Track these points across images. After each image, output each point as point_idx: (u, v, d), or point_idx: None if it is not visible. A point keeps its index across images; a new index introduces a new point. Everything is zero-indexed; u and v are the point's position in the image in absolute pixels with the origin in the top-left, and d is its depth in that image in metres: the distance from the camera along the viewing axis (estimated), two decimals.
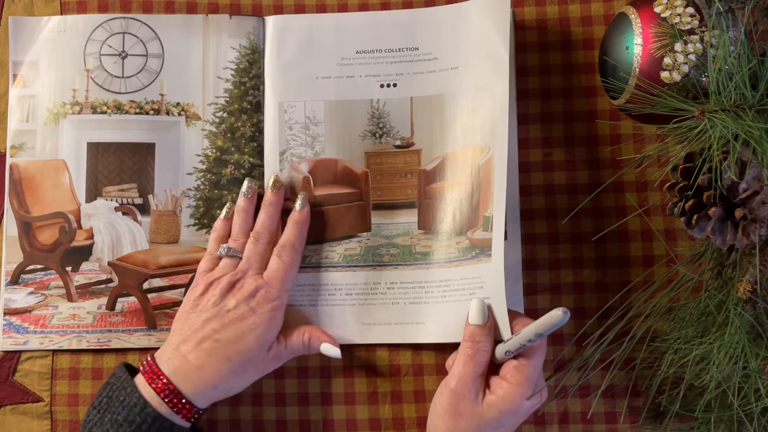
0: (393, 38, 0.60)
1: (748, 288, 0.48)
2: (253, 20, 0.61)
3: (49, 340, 0.58)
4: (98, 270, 0.59)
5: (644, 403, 0.56)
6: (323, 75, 0.61)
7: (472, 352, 0.51)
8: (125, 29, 0.61)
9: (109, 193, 0.60)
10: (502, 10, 0.57)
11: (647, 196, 0.59)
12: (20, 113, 0.60)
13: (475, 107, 0.58)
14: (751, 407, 0.48)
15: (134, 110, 0.60)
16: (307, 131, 0.60)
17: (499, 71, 0.56)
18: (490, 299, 0.54)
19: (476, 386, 0.51)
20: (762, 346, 0.48)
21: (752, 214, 0.47)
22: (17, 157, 0.60)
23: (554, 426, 0.58)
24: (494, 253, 0.54)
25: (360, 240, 0.60)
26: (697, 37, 0.49)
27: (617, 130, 0.59)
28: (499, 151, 0.55)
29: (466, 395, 0.51)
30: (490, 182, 0.56)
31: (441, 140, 0.59)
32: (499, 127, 0.56)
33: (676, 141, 0.48)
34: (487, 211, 0.56)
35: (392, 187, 0.60)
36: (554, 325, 0.49)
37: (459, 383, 0.51)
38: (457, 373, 0.51)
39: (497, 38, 0.56)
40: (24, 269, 0.59)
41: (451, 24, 0.60)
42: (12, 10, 0.61)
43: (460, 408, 0.51)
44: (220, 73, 0.61)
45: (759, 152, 0.45)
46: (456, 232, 0.58)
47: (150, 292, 0.59)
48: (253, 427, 0.58)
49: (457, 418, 0.51)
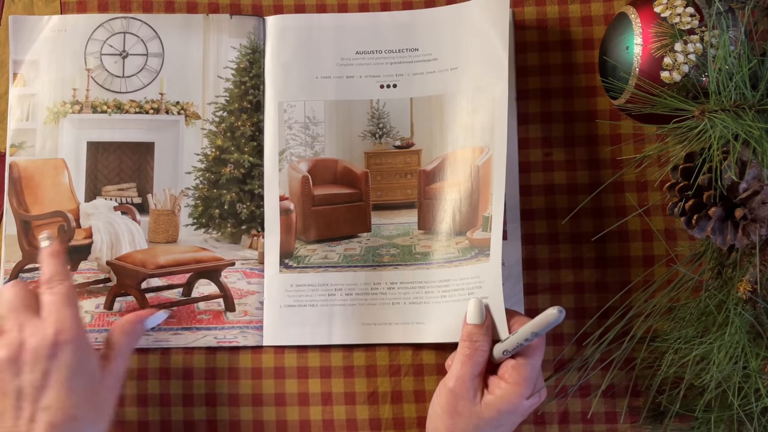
0: (393, 39, 0.60)
1: (748, 288, 0.48)
2: (253, 20, 0.61)
3: None
4: (97, 269, 0.59)
5: (644, 403, 0.56)
6: (323, 75, 0.61)
7: (470, 352, 0.51)
8: (126, 29, 0.61)
9: (108, 193, 0.60)
10: (502, 10, 0.57)
11: (647, 196, 0.59)
12: (20, 112, 0.60)
13: (474, 107, 0.58)
14: (751, 407, 0.48)
15: (134, 109, 0.60)
16: (307, 131, 0.60)
17: (498, 71, 0.56)
18: (488, 299, 0.54)
19: (474, 386, 0.51)
20: (762, 346, 0.48)
21: (752, 214, 0.47)
22: (17, 156, 0.60)
23: (554, 426, 0.58)
24: (492, 252, 0.54)
25: (360, 240, 0.60)
26: (697, 37, 0.49)
27: (617, 130, 0.59)
28: (499, 151, 0.55)
29: (464, 395, 0.51)
30: (489, 182, 0.56)
31: (441, 140, 0.60)
32: (498, 127, 0.56)
33: (676, 141, 0.48)
34: (486, 211, 0.56)
35: (392, 188, 0.60)
36: (550, 323, 0.49)
37: (457, 383, 0.51)
38: (456, 372, 0.51)
39: (497, 39, 0.57)
40: (23, 268, 0.59)
41: (450, 24, 0.60)
42: (12, 10, 0.61)
43: (458, 408, 0.51)
44: (220, 72, 0.61)
45: (759, 152, 0.45)
46: (456, 232, 0.58)
47: (148, 292, 0.59)
48: (254, 427, 0.58)
49: (456, 417, 0.51)
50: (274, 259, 0.59)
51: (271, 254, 0.59)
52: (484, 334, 0.52)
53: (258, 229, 0.60)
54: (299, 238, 0.60)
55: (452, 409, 0.51)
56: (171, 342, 0.58)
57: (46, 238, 0.53)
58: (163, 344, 0.58)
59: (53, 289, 0.50)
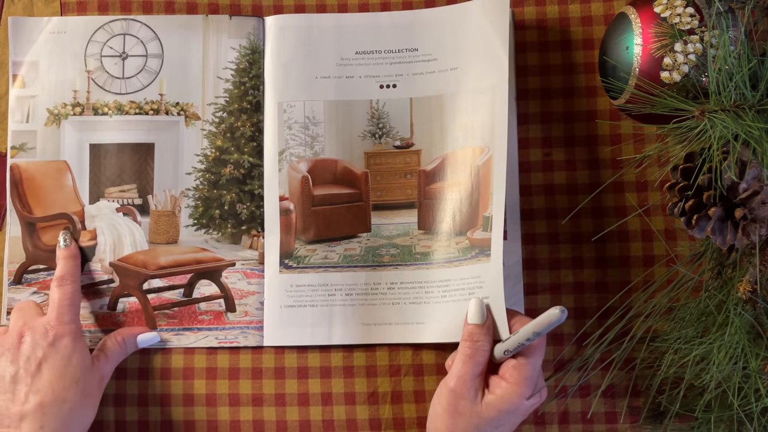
0: (392, 39, 0.60)
1: (748, 288, 0.48)
2: (253, 20, 0.61)
3: None
4: (101, 270, 0.60)
5: (644, 403, 0.56)
6: (323, 75, 0.61)
7: (471, 352, 0.51)
8: (126, 31, 0.61)
9: (110, 194, 0.60)
10: (502, 11, 0.57)
11: (647, 196, 0.59)
12: (20, 114, 0.60)
13: (474, 108, 0.58)
14: (751, 407, 0.48)
15: (134, 111, 0.61)
16: (307, 131, 0.60)
17: (498, 72, 0.56)
18: (489, 299, 0.54)
19: (475, 386, 0.51)
20: (762, 346, 0.48)
21: (752, 214, 0.47)
22: (18, 157, 0.60)
23: (554, 426, 0.58)
24: (493, 252, 0.55)
25: (360, 240, 0.60)
26: (697, 37, 0.49)
27: (617, 130, 0.59)
28: (499, 152, 0.55)
29: (465, 395, 0.51)
30: (490, 182, 0.56)
31: (441, 141, 0.59)
32: (498, 127, 0.56)
33: (676, 141, 0.48)
34: (486, 211, 0.56)
35: (392, 188, 0.60)
36: (552, 323, 0.49)
37: (458, 383, 0.51)
38: (456, 372, 0.51)
39: (497, 39, 0.56)
40: (27, 269, 0.59)
41: (450, 25, 0.60)
42: (12, 11, 0.61)
43: (459, 407, 0.51)
44: (219, 73, 0.61)
45: (759, 152, 0.45)
46: (456, 232, 0.58)
47: (150, 293, 0.59)
48: (254, 427, 0.58)
49: (457, 417, 0.51)
50: (274, 259, 0.59)
51: (271, 254, 0.59)
52: (485, 334, 0.52)
53: (258, 230, 0.60)
54: (299, 238, 0.60)
55: (453, 409, 0.51)
56: (172, 342, 0.58)
57: (65, 239, 0.58)
58: (165, 345, 0.58)
59: (63, 288, 0.55)
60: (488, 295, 0.54)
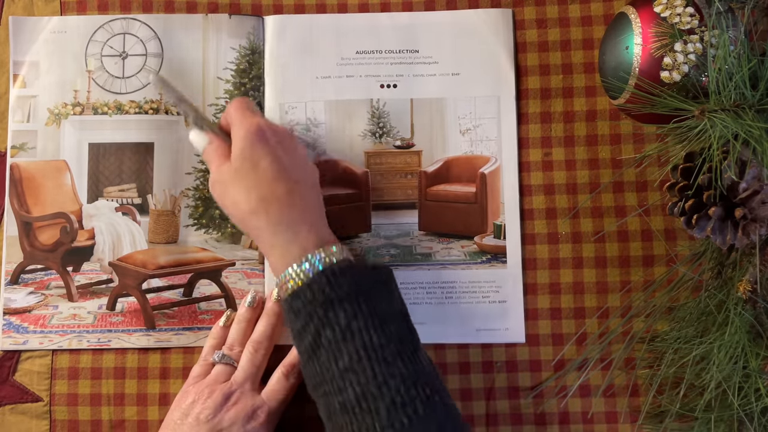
0: (393, 40, 0.61)
1: (748, 288, 0.48)
2: (252, 20, 0.61)
3: (48, 339, 0.58)
4: (99, 270, 0.59)
5: (644, 403, 0.56)
6: (323, 75, 0.61)
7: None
8: (126, 30, 0.61)
9: (110, 194, 0.60)
10: (506, 27, 0.59)
11: (647, 196, 0.59)
12: (21, 113, 0.60)
13: (478, 116, 0.59)
14: (751, 407, 0.48)
15: (134, 110, 0.60)
16: (308, 132, 0.60)
17: (504, 86, 0.59)
18: (506, 303, 0.57)
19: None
20: (762, 346, 0.48)
21: (752, 214, 0.47)
22: (18, 157, 0.60)
23: (554, 426, 0.58)
24: (510, 259, 0.58)
25: (360, 240, 0.60)
26: (697, 36, 0.49)
27: (617, 130, 0.59)
28: (508, 163, 0.58)
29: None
30: (498, 191, 0.58)
31: (442, 143, 0.60)
32: (506, 140, 0.59)
33: (676, 141, 0.48)
34: (498, 219, 0.58)
35: (392, 188, 0.60)
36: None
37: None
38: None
39: (504, 55, 0.60)
40: (24, 269, 0.59)
41: (451, 30, 0.60)
42: (12, 10, 0.61)
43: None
44: (220, 73, 0.61)
45: (759, 152, 0.45)
46: (460, 235, 0.59)
47: (149, 293, 0.59)
48: None
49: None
50: None
51: None
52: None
53: None
54: None
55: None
56: (172, 342, 0.58)
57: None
58: (164, 344, 0.58)
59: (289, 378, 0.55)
60: (506, 299, 0.57)
